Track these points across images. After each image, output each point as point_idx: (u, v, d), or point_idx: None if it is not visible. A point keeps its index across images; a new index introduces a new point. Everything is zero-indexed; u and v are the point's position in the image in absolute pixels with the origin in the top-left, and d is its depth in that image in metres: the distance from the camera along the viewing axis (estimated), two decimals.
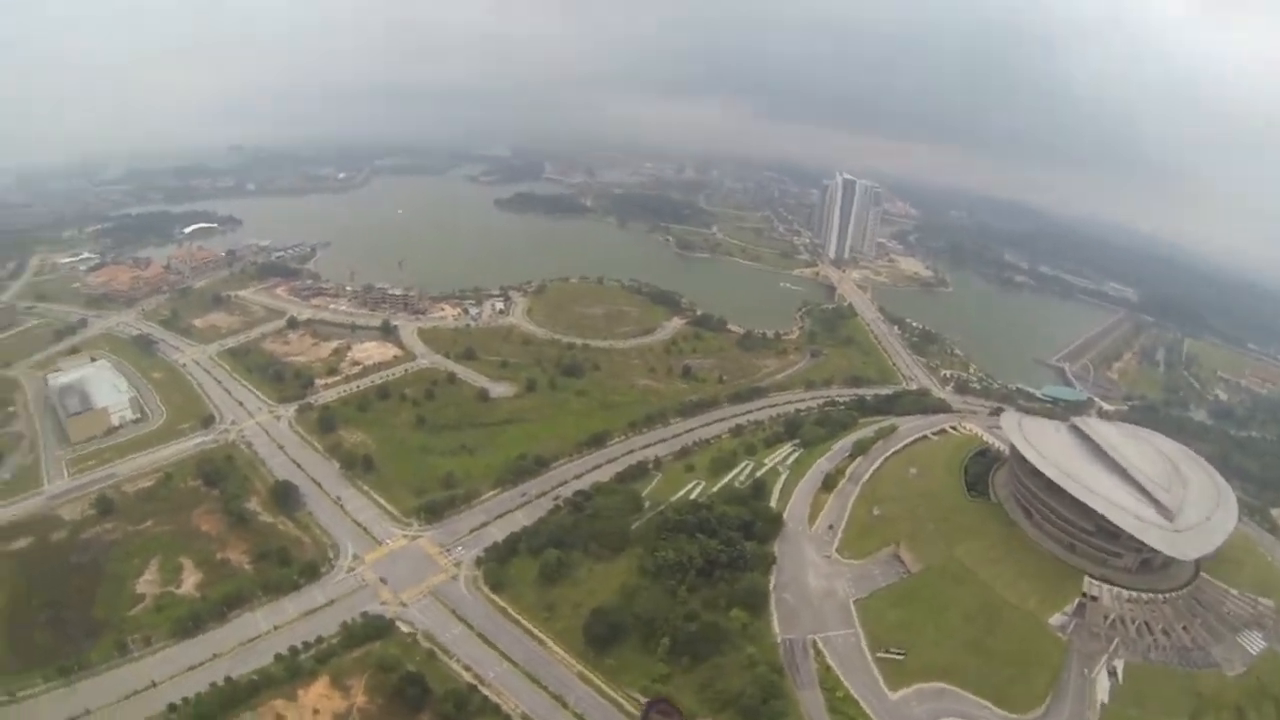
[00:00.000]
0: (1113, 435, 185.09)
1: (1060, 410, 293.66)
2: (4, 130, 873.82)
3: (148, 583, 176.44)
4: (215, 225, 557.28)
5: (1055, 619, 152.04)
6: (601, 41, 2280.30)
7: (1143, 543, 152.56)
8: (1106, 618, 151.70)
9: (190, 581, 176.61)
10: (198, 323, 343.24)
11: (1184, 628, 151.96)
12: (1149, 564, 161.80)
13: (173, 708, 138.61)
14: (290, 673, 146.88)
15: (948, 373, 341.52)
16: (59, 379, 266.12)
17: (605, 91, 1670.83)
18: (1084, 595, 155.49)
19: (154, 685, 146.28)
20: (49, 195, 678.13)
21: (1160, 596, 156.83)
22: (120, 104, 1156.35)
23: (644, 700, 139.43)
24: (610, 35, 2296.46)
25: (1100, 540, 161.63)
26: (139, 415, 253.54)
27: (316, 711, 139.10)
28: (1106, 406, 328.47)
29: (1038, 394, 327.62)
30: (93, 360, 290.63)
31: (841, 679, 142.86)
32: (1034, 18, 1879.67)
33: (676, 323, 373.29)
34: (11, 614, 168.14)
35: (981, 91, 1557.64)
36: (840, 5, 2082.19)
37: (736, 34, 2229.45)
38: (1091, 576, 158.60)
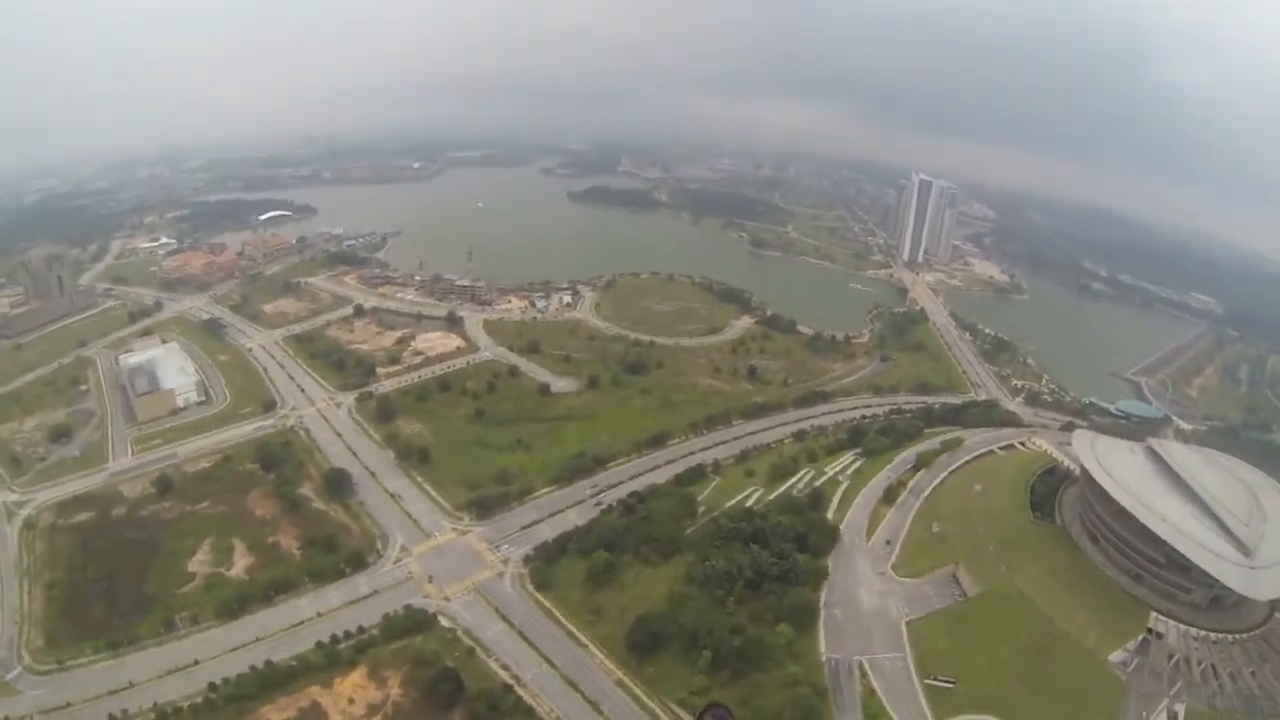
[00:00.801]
0: (1190, 461, 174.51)
1: (1135, 427, 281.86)
2: (91, 122, 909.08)
3: (199, 562, 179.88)
4: (290, 213, 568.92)
5: (1116, 655, 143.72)
6: (689, 44, 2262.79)
7: (1215, 579, 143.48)
8: (1171, 657, 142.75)
9: (241, 564, 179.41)
10: (266, 308, 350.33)
11: (1252, 673, 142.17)
12: (1220, 601, 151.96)
13: (213, 687, 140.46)
14: (329, 661, 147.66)
15: (1019, 383, 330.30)
16: (129, 359, 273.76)
17: (687, 90, 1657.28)
18: (1149, 631, 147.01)
19: (197, 663, 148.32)
20: (133, 182, 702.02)
21: (1230, 637, 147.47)
22: (203, 97, 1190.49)
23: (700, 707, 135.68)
24: (698, 38, 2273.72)
25: (1170, 573, 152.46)
26: (203, 398, 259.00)
27: (351, 701, 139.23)
28: (1184, 425, 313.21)
29: (1112, 409, 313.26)
30: (163, 342, 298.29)
31: (885, 705, 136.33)
32: (1126, 24, 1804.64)
33: (745, 322, 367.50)
34: (69, 586, 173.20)
35: (1068, 96, 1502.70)
36: (928, 9, 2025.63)
37: (821, 39, 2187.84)
38: (1158, 611, 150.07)
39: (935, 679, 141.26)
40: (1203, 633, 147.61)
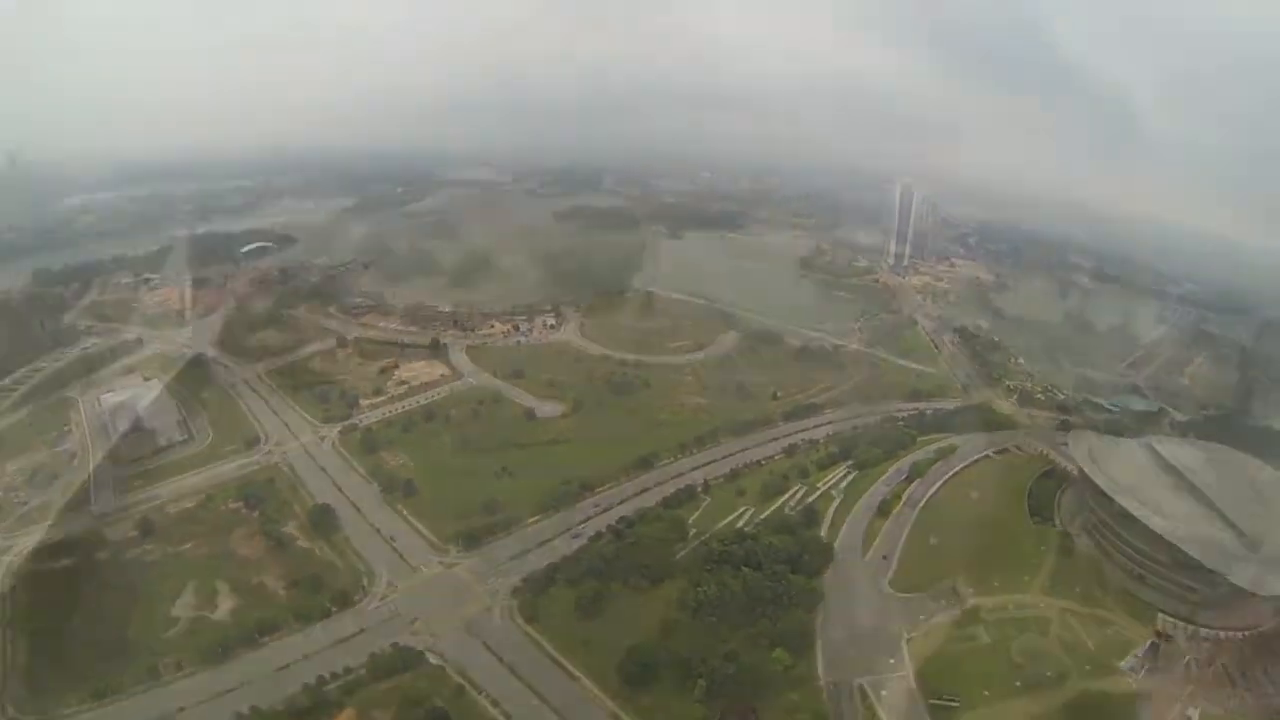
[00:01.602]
0: (1189, 456, 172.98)
1: (1131, 422, 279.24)
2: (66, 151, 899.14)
3: (183, 606, 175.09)
4: (270, 244, 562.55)
5: (1126, 662, 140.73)
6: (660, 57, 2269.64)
7: (1222, 576, 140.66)
8: (1181, 660, 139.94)
9: (225, 606, 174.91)
10: (249, 342, 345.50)
11: (1264, 670, 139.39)
12: (1228, 599, 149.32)
13: None
14: (317, 703, 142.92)
15: (1011, 384, 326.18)
16: (111, 399, 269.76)
17: (669, 104, 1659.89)
18: (1157, 634, 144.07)
19: (182, 711, 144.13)
20: (115, 216, 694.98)
21: (1239, 635, 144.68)
22: (184, 122, 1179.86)
23: None
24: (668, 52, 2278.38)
25: (1176, 573, 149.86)
26: (186, 436, 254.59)
27: None
28: (1179, 416, 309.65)
29: (1106, 404, 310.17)
30: (145, 380, 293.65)
31: None
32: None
33: (732, 336, 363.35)
34: (51, 634, 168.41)
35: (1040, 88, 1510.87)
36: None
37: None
38: (1165, 613, 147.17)
39: (940, 699, 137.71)
40: (1212, 632, 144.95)
